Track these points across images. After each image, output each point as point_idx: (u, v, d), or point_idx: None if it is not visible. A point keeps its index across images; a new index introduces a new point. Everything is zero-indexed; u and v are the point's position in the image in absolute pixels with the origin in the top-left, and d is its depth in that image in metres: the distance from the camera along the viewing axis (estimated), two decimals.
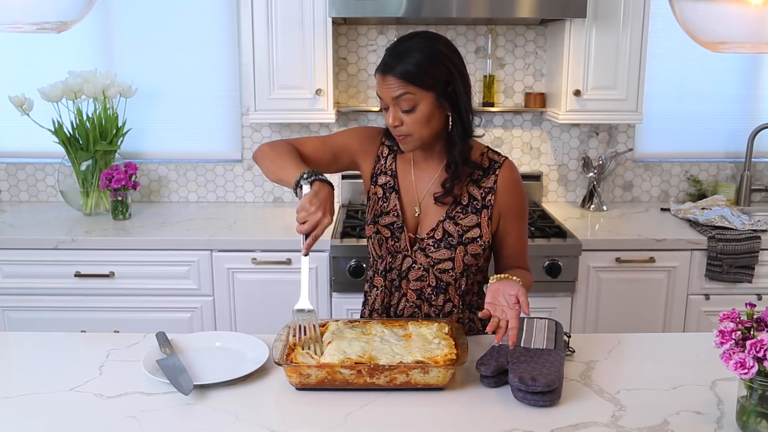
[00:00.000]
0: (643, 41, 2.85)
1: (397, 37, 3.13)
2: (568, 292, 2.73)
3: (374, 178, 1.82)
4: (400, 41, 1.67)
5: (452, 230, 1.72)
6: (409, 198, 1.78)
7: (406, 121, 1.63)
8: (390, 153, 1.82)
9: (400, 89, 1.60)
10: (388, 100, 1.63)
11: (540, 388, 1.37)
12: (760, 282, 2.75)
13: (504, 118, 3.28)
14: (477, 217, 1.72)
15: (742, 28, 1.46)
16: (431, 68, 1.61)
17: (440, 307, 1.77)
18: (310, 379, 1.42)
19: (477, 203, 1.73)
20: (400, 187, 1.79)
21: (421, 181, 1.77)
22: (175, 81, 3.24)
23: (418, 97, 1.61)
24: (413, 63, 1.60)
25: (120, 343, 1.68)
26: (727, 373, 1.35)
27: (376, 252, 1.80)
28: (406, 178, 1.79)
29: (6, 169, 3.30)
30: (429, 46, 1.63)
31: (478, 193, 1.73)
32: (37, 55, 3.19)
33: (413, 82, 1.60)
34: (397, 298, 1.79)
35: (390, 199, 1.78)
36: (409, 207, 1.78)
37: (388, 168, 1.80)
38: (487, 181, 1.73)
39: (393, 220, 1.76)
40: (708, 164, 3.35)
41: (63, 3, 1.49)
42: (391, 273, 1.79)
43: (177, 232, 2.82)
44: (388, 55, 1.64)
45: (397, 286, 1.79)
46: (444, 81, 1.62)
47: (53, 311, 2.74)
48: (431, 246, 1.73)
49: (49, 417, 1.35)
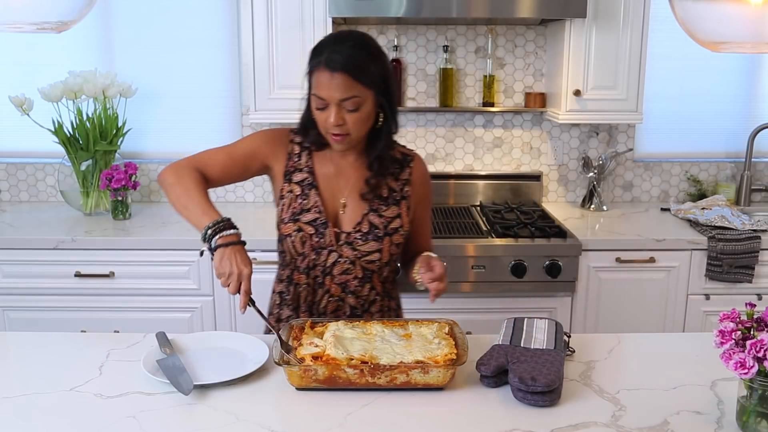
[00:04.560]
0: (643, 41, 2.85)
1: (396, 36, 3.16)
2: (568, 292, 2.73)
3: (288, 176, 1.79)
4: (338, 40, 1.65)
5: (377, 222, 1.75)
6: (330, 193, 1.78)
7: (348, 120, 1.64)
8: (303, 150, 1.80)
9: (350, 90, 1.60)
10: (333, 100, 1.61)
11: (540, 388, 1.37)
12: (760, 282, 2.75)
13: (504, 118, 3.28)
14: (397, 208, 1.78)
15: (742, 28, 1.46)
16: (374, 67, 1.64)
17: (365, 297, 1.79)
18: (317, 374, 1.42)
19: (396, 195, 1.78)
20: (319, 183, 1.78)
21: (342, 176, 1.79)
22: (175, 81, 3.24)
23: (363, 97, 1.63)
24: (360, 61, 1.61)
25: (120, 343, 1.68)
26: (727, 373, 1.35)
27: (297, 250, 1.76)
28: (324, 173, 1.79)
29: (6, 169, 3.30)
30: (368, 44, 1.67)
31: (396, 185, 1.79)
32: (37, 55, 3.18)
33: (362, 81, 1.61)
34: (321, 294, 1.79)
35: (310, 195, 1.77)
36: (330, 202, 1.78)
37: (303, 165, 1.79)
38: (403, 174, 1.80)
39: (315, 216, 1.75)
40: (708, 164, 3.35)
41: (63, 3, 1.49)
42: (315, 270, 1.78)
43: (177, 232, 2.81)
44: (334, 52, 1.61)
45: (321, 282, 1.78)
46: (381, 79, 1.65)
47: (53, 311, 2.74)
48: (359, 240, 1.73)
49: (49, 417, 1.35)
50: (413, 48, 3.19)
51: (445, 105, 3.18)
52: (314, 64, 1.64)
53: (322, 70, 1.61)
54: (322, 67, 1.61)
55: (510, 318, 1.69)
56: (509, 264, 2.64)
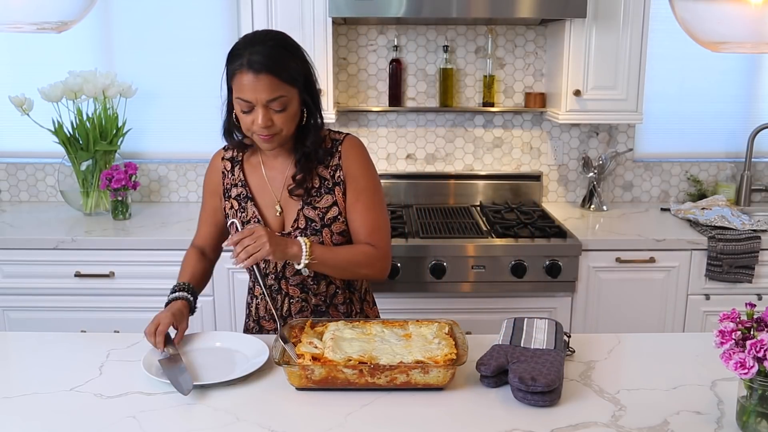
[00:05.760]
0: (643, 41, 2.85)
1: (396, 37, 3.16)
2: (568, 292, 2.73)
3: (227, 194, 1.83)
4: (255, 41, 1.63)
5: (312, 215, 1.75)
6: (266, 200, 1.79)
7: (276, 121, 1.64)
8: (234, 165, 1.83)
9: (276, 90, 1.60)
10: (259, 102, 1.60)
11: (540, 388, 1.37)
12: (760, 282, 2.75)
13: (504, 118, 3.28)
14: (332, 196, 1.76)
15: (742, 28, 1.46)
16: (295, 65, 1.64)
17: (324, 293, 1.80)
18: (314, 375, 1.42)
19: (328, 182, 1.76)
20: (254, 193, 1.80)
21: (274, 181, 1.79)
22: (175, 81, 3.24)
23: (289, 96, 1.63)
24: (283, 61, 1.60)
25: (120, 343, 1.68)
26: (727, 373, 1.35)
27: None
28: (257, 182, 1.80)
29: (6, 169, 3.30)
30: (286, 42, 1.66)
31: (327, 173, 1.77)
32: (37, 55, 3.18)
33: (286, 81, 1.61)
34: (280, 299, 1.80)
35: (247, 207, 1.79)
36: (267, 209, 1.79)
37: (237, 180, 1.81)
38: (333, 160, 1.77)
39: None
40: (708, 164, 3.35)
41: (63, 3, 1.49)
42: (268, 278, 1.80)
43: (177, 232, 2.81)
44: (254, 53, 1.59)
45: (278, 289, 1.79)
46: (303, 76, 1.66)
47: (53, 311, 2.74)
48: (298, 237, 1.71)
49: (49, 417, 1.35)
50: (413, 48, 3.19)
51: (445, 105, 3.18)
52: (235, 67, 1.61)
53: (244, 73, 1.59)
54: (245, 69, 1.59)
55: (510, 318, 1.69)
56: (509, 264, 2.64)
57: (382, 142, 3.28)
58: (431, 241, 2.66)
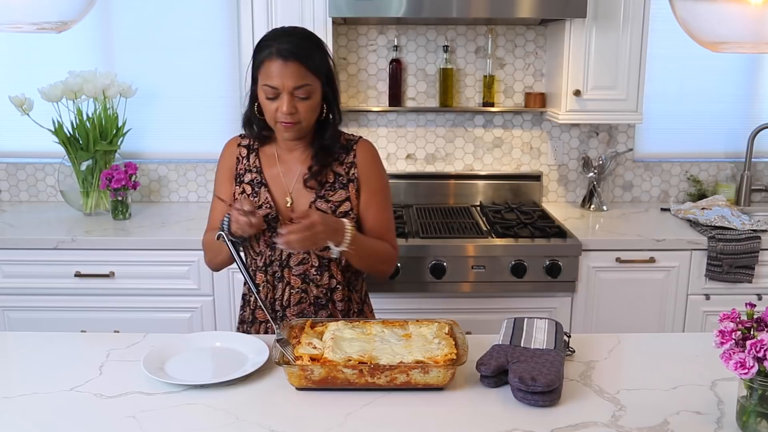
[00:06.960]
0: (643, 41, 2.85)
1: (396, 37, 3.16)
2: (568, 292, 2.73)
3: (239, 179, 1.86)
4: (284, 33, 1.72)
5: (325, 208, 1.78)
6: (278, 190, 1.82)
7: (300, 109, 1.70)
8: (250, 152, 1.87)
9: (303, 78, 1.67)
10: (286, 89, 1.68)
11: (540, 388, 1.37)
12: (760, 282, 2.75)
13: (504, 118, 3.28)
14: (345, 191, 1.80)
15: (742, 28, 1.46)
16: (321, 57, 1.72)
17: (326, 285, 1.81)
18: (314, 375, 1.42)
19: (343, 179, 1.81)
20: (268, 181, 1.83)
21: (287, 173, 1.83)
22: (175, 81, 3.24)
23: (314, 86, 1.70)
24: (310, 51, 1.69)
25: (120, 343, 1.68)
26: (727, 373, 1.35)
27: (254, 249, 1.83)
28: (271, 172, 1.84)
29: (6, 169, 3.30)
30: (312, 37, 1.74)
31: (341, 170, 1.82)
32: (37, 55, 3.18)
33: (312, 70, 1.69)
34: (281, 288, 1.82)
35: (260, 193, 1.82)
36: (279, 198, 1.82)
37: (252, 166, 1.85)
38: (348, 157, 1.82)
39: (267, 212, 1.79)
40: (708, 164, 3.35)
41: (63, 3, 1.49)
42: (272, 266, 1.81)
43: (177, 232, 2.81)
44: (283, 43, 1.67)
45: (280, 276, 1.81)
46: (327, 70, 1.73)
47: (53, 311, 2.74)
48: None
49: (49, 417, 1.35)
50: (413, 48, 3.19)
51: (445, 105, 3.18)
52: (264, 56, 1.69)
53: (273, 60, 1.67)
54: (274, 56, 1.67)
55: (510, 318, 1.69)
56: (509, 264, 2.64)
57: (382, 142, 3.28)
58: (431, 241, 2.66)
